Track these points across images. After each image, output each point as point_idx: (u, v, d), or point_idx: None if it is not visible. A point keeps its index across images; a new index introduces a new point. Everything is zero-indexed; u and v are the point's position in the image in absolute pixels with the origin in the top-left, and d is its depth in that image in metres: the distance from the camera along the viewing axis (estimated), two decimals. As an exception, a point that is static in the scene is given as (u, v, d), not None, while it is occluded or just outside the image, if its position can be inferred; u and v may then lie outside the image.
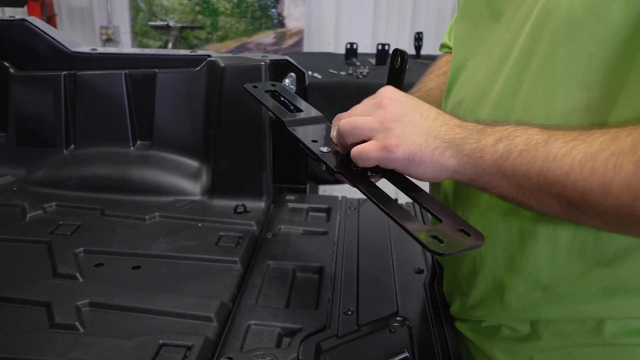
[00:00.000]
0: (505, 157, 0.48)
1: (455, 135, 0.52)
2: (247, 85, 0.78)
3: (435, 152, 0.52)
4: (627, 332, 0.60)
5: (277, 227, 1.03)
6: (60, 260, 0.86)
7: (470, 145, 0.51)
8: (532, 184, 0.46)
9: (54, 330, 0.70)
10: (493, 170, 0.49)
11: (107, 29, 3.81)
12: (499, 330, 0.68)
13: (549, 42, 0.52)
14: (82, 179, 1.14)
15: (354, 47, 2.28)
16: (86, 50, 1.18)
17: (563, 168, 0.44)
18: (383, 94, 0.57)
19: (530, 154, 0.46)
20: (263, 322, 0.74)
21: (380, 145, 0.54)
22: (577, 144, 0.44)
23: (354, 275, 0.86)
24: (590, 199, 0.43)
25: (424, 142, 0.52)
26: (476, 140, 0.50)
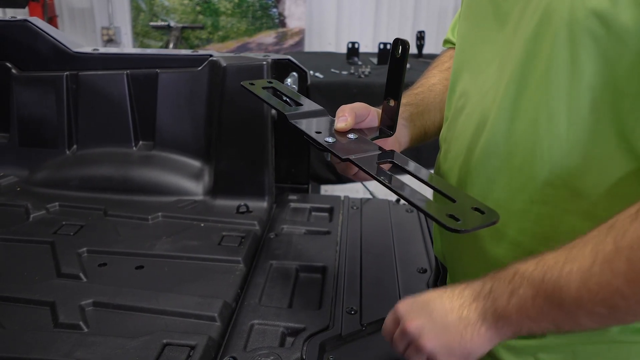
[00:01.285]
0: (523, 308, 0.51)
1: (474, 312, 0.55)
2: (244, 83, 0.78)
3: (470, 338, 0.56)
4: (631, 330, 0.60)
5: (280, 226, 1.03)
6: (64, 260, 0.86)
7: (490, 304, 0.54)
8: (558, 316, 0.50)
9: (58, 329, 0.70)
10: (519, 319, 0.52)
11: (108, 30, 3.81)
12: None
13: (552, 43, 0.52)
14: (84, 180, 1.14)
15: (356, 46, 2.27)
16: (88, 51, 1.18)
17: (578, 292, 0.47)
18: (404, 320, 0.59)
19: (543, 293, 0.49)
20: (266, 322, 0.74)
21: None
22: (572, 268, 0.47)
23: (357, 275, 0.86)
24: (614, 306, 0.46)
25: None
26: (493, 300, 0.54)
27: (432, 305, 0.58)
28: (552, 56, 0.52)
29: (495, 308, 0.53)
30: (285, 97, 0.75)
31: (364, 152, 0.59)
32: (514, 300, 0.51)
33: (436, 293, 0.58)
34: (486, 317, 0.54)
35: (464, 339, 0.55)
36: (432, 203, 0.49)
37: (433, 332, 0.57)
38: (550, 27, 0.52)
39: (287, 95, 0.75)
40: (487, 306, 0.54)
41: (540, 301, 0.49)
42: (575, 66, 0.51)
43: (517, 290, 0.51)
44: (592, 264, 0.46)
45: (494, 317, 0.54)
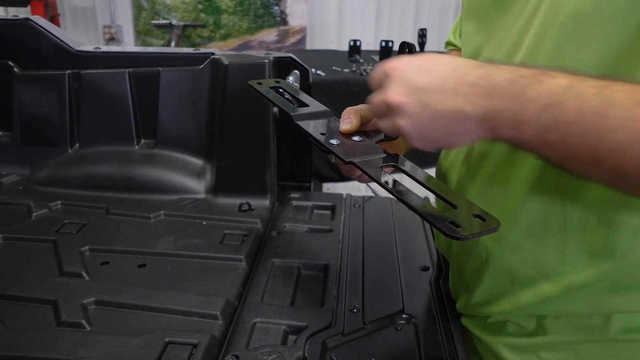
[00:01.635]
0: (552, 129, 0.43)
1: (487, 106, 0.46)
2: (252, 82, 0.78)
3: (464, 134, 0.49)
4: (633, 328, 0.60)
5: (282, 225, 1.03)
6: (66, 259, 0.86)
7: (507, 119, 0.45)
8: (581, 155, 0.42)
9: (60, 328, 0.71)
10: (535, 141, 0.45)
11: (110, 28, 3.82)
12: (505, 326, 0.68)
13: (557, 36, 0.52)
14: (86, 178, 1.14)
15: (357, 44, 2.27)
16: (90, 49, 1.18)
17: (620, 142, 0.39)
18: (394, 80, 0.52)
19: (584, 125, 0.41)
20: (269, 320, 0.74)
21: None
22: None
23: (359, 273, 0.86)
24: None
25: (448, 129, 0.49)
26: (516, 109, 0.45)
27: (430, 82, 0.49)
28: (557, 49, 0.52)
29: (514, 119, 0.45)
30: (291, 97, 0.75)
31: (368, 155, 0.59)
32: (544, 116, 0.43)
33: (441, 67, 0.49)
34: (492, 120, 0.46)
35: (451, 132, 0.49)
36: (433, 209, 0.49)
37: (418, 116, 0.49)
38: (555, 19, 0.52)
39: (293, 95, 0.75)
40: (503, 109, 0.45)
41: (575, 132, 0.42)
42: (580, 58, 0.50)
43: (559, 106, 0.42)
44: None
45: (504, 124, 0.46)
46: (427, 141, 0.51)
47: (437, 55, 0.52)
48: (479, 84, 0.47)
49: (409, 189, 0.53)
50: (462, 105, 0.47)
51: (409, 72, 0.50)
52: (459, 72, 0.48)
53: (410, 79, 0.50)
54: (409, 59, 0.52)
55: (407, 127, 0.50)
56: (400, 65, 0.51)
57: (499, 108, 0.45)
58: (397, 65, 0.52)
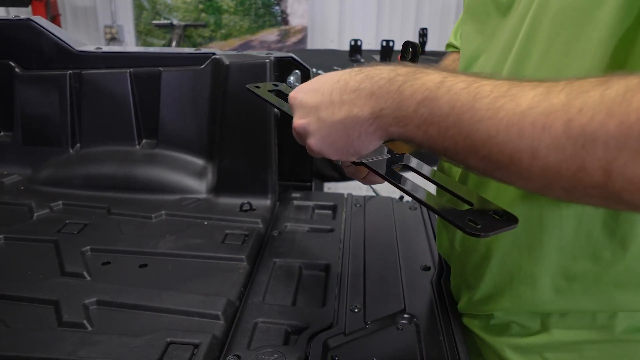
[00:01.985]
0: (430, 122, 0.45)
1: (372, 106, 0.50)
2: (250, 86, 0.78)
3: (360, 135, 0.52)
4: (637, 329, 0.59)
5: (283, 224, 1.03)
6: (68, 259, 0.86)
7: (391, 115, 0.49)
8: (459, 146, 0.45)
9: (61, 328, 0.71)
10: (419, 135, 0.47)
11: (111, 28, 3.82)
12: (509, 327, 0.68)
13: (549, 28, 0.52)
14: (88, 178, 1.14)
15: (358, 43, 2.28)
16: (91, 49, 1.18)
17: (490, 131, 0.41)
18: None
19: (456, 118, 0.43)
20: (270, 320, 0.74)
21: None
22: (505, 103, 0.41)
23: (360, 273, 0.86)
24: (516, 161, 0.40)
25: (347, 135, 0.53)
26: (396, 106, 0.48)
27: (320, 100, 0.54)
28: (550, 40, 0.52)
29: (396, 115, 0.48)
30: None
31: (375, 155, 0.59)
32: (423, 110, 0.46)
33: (327, 83, 0.54)
34: (379, 119, 0.50)
35: (349, 137, 0.53)
36: (450, 207, 0.49)
37: (319, 132, 0.55)
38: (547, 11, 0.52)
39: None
40: (388, 108, 0.49)
41: (450, 124, 0.44)
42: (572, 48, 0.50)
43: (432, 101, 0.45)
44: (528, 110, 0.39)
45: (389, 120, 0.49)
46: (338, 152, 0.55)
47: (326, 74, 0.56)
48: (360, 87, 0.51)
49: (422, 187, 0.54)
50: (350, 111, 0.51)
51: (303, 96, 0.57)
52: (341, 81, 0.52)
53: (304, 102, 0.56)
54: (303, 85, 0.58)
55: (315, 144, 0.56)
56: (296, 93, 0.58)
57: (382, 106, 0.49)
58: (295, 95, 0.58)
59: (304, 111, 0.56)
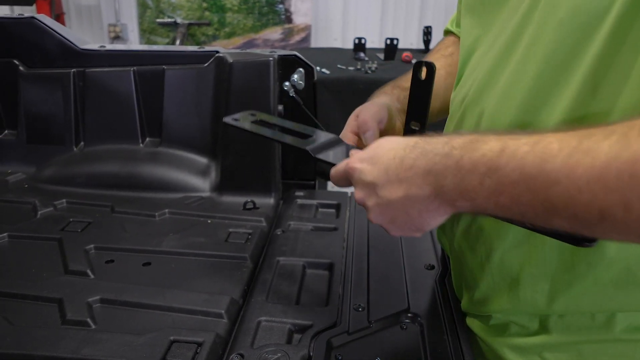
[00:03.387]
0: (499, 192, 0.43)
1: (431, 183, 0.48)
2: (227, 119, 0.75)
3: (421, 213, 0.51)
4: (637, 328, 0.59)
5: (287, 223, 1.03)
6: (71, 257, 0.86)
7: (454, 191, 0.47)
8: (537, 211, 0.42)
9: (65, 326, 0.71)
10: (489, 206, 0.45)
11: (115, 27, 3.83)
12: (508, 327, 0.68)
13: (555, 33, 0.51)
14: (92, 176, 1.14)
15: (362, 42, 2.27)
16: (95, 48, 1.18)
17: (570, 192, 0.39)
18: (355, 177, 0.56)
19: (528, 184, 0.41)
20: (273, 319, 0.74)
21: None
22: (580, 159, 0.38)
23: (364, 272, 0.85)
24: (609, 217, 0.38)
25: (407, 213, 0.52)
26: (458, 181, 0.46)
27: (377, 177, 0.53)
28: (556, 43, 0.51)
29: (460, 190, 0.46)
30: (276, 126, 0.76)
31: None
32: (489, 182, 0.44)
33: (383, 158, 0.53)
34: (441, 196, 0.48)
35: (410, 215, 0.52)
36: None
37: (378, 208, 0.54)
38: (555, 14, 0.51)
39: (279, 125, 0.76)
40: (446, 183, 0.47)
41: (523, 190, 0.42)
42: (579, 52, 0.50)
43: (497, 170, 0.43)
44: (608, 163, 0.37)
45: (453, 196, 0.47)
46: (398, 228, 0.55)
47: (382, 144, 0.55)
48: (416, 164, 0.49)
49: None
50: (408, 189, 0.50)
51: (360, 171, 0.55)
52: (397, 159, 0.51)
53: (362, 178, 0.55)
54: (360, 155, 0.57)
55: (375, 219, 0.55)
56: (354, 163, 0.56)
57: (442, 183, 0.47)
58: (353, 165, 0.56)
59: (362, 186, 0.55)
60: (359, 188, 0.56)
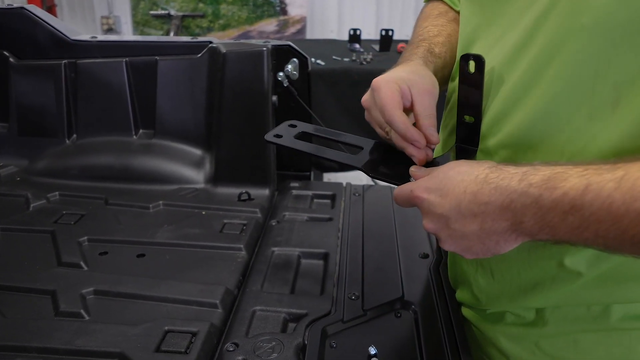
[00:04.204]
0: (583, 228, 0.43)
1: (508, 219, 0.48)
2: (268, 137, 0.70)
3: (499, 242, 0.51)
4: (632, 317, 0.59)
5: (282, 214, 1.02)
6: (65, 249, 0.86)
7: (535, 226, 0.47)
8: (624, 245, 0.43)
9: (59, 318, 0.70)
10: (572, 239, 0.46)
11: (108, 19, 3.80)
12: (504, 317, 0.68)
13: (579, 43, 0.49)
14: (85, 169, 1.14)
15: (357, 33, 2.26)
16: (86, 39, 1.17)
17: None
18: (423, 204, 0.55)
19: (616, 222, 0.42)
20: (268, 308, 0.74)
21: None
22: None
23: (359, 261, 0.85)
24: None
25: (482, 243, 0.52)
26: (539, 218, 0.46)
27: (449, 210, 0.52)
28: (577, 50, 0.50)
29: (540, 225, 0.46)
30: (320, 136, 0.72)
31: None
32: (570, 219, 0.44)
33: (454, 191, 0.52)
34: (519, 230, 0.48)
35: (486, 245, 0.51)
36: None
37: (452, 239, 0.53)
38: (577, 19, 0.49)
39: (318, 135, 0.72)
40: (525, 220, 0.47)
41: (602, 228, 0.42)
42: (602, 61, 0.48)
43: (578, 211, 0.43)
44: None
45: (533, 231, 0.47)
46: (474, 255, 0.54)
47: (448, 172, 0.53)
48: (491, 201, 0.48)
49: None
50: (484, 222, 0.49)
51: (430, 202, 0.54)
52: (469, 193, 0.50)
53: (432, 209, 0.54)
54: (426, 183, 0.55)
55: (449, 248, 0.54)
56: (421, 192, 0.55)
57: (521, 220, 0.47)
58: (420, 195, 0.55)
59: (432, 217, 0.54)
60: (429, 219, 0.55)
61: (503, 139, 0.58)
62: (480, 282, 0.68)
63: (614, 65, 0.47)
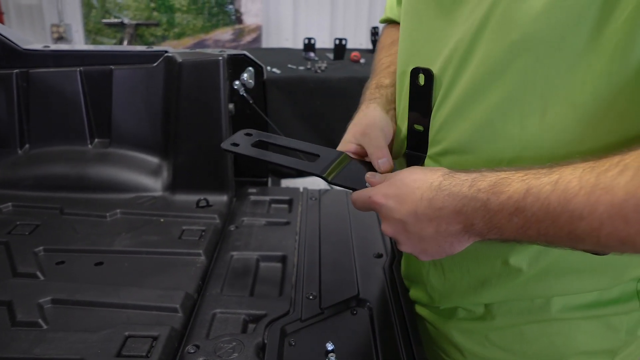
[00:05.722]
0: (526, 227, 0.48)
1: (460, 222, 0.52)
2: (225, 145, 0.71)
3: (452, 244, 0.55)
4: (571, 308, 0.65)
5: (240, 219, 1.04)
6: (20, 260, 0.85)
7: (484, 227, 0.51)
8: (563, 240, 0.47)
9: (16, 328, 0.70)
10: (518, 237, 0.50)
11: (59, 27, 3.69)
12: (456, 312, 0.72)
13: (509, 52, 0.53)
14: (38, 179, 1.12)
15: (312, 42, 2.30)
16: (38, 48, 1.16)
17: (593, 225, 0.43)
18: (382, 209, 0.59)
19: (553, 221, 0.45)
20: (228, 310, 0.75)
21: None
22: (600, 196, 0.42)
23: (316, 262, 0.88)
24: (630, 243, 0.42)
25: (438, 245, 0.56)
26: (487, 220, 0.50)
27: (406, 215, 0.56)
28: (507, 64, 0.53)
29: (489, 227, 0.50)
30: (277, 146, 0.73)
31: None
32: (516, 220, 0.48)
33: (410, 196, 0.55)
34: (471, 231, 0.53)
35: (441, 247, 0.56)
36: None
37: (409, 241, 0.57)
38: (507, 35, 0.52)
39: (275, 143, 0.73)
40: (475, 222, 0.51)
41: (549, 226, 0.46)
42: (530, 75, 0.52)
43: (523, 210, 0.47)
44: (626, 199, 0.41)
45: (483, 231, 0.52)
46: (430, 256, 0.58)
47: (404, 179, 0.57)
48: (445, 206, 0.53)
49: None
50: (439, 226, 0.54)
51: (387, 207, 0.58)
52: (425, 199, 0.54)
53: (390, 215, 0.58)
54: (383, 189, 0.59)
55: (406, 250, 0.59)
56: (378, 198, 0.59)
57: (472, 222, 0.51)
58: (377, 200, 0.59)
59: (391, 222, 0.58)
60: (388, 223, 0.59)
61: (447, 147, 0.62)
62: (432, 281, 0.72)
63: (539, 78, 0.52)
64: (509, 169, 0.51)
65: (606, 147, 0.49)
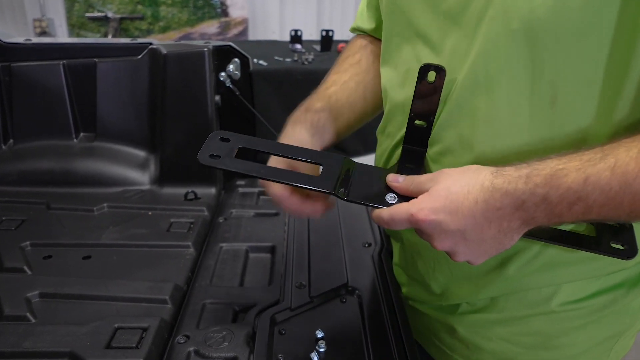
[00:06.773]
0: (587, 212, 0.49)
1: (521, 217, 0.52)
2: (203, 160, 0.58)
3: (513, 237, 0.54)
4: (568, 302, 0.66)
5: (229, 211, 1.04)
6: (6, 255, 0.84)
7: (541, 217, 0.51)
8: (622, 218, 0.50)
9: (4, 322, 0.69)
10: (577, 221, 0.52)
11: (41, 22, 3.64)
12: (459, 306, 0.73)
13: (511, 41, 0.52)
14: (23, 174, 1.11)
15: (299, 34, 2.29)
16: (20, 41, 1.14)
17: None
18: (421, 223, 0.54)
19: (615, 204, 0.48)
20: (218, 301, 0.76)
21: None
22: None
23: (305, 252, 0.89)
24: None
25: (499, 243, 0.54)
26: (548, 211, 0.50)
27: (464, 223, 0.53)
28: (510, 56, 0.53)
29: (549, 217, 0.51)
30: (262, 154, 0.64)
31: None
32: (575, 208, 0.49)
33: (464, 204, 0.52)
34: (531, 223, 0.53)
35: (502, 244, 0.54)
36: (587, 238, 0.57)
37: (468, 249, 0.55)
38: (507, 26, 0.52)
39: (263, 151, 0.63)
40: (536, 215, 0.51)
41: (611, 207, 0.48)
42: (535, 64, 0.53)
43: (584, 201, 0.48)
44: None
45: (541, 221, 0.52)
46: (489, 256, 0.56)
47: (450, 187, 0.53)
48: (504, 205, 0.51)
49: None
50: (500, 225, 0.52)
51: (441, 222, 0.53)
52: (480, 202, 0.52)
53: (444, 228, 0.53)
54: (430, 204, 0.53)
55: (465, 259, 0.56)
56: (426, 215, 0.53)
57: (533, 216, 0.51)
58: (426, 218, 0.53)
59: (446, 235, 0.54)
60: (442, 238, 0.54)
61: (449, 145, 0.61)
62: (439, 277, 0.73)
63: (548, 65, 0.52)
64: (558, 157, 0.51)
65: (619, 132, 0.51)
